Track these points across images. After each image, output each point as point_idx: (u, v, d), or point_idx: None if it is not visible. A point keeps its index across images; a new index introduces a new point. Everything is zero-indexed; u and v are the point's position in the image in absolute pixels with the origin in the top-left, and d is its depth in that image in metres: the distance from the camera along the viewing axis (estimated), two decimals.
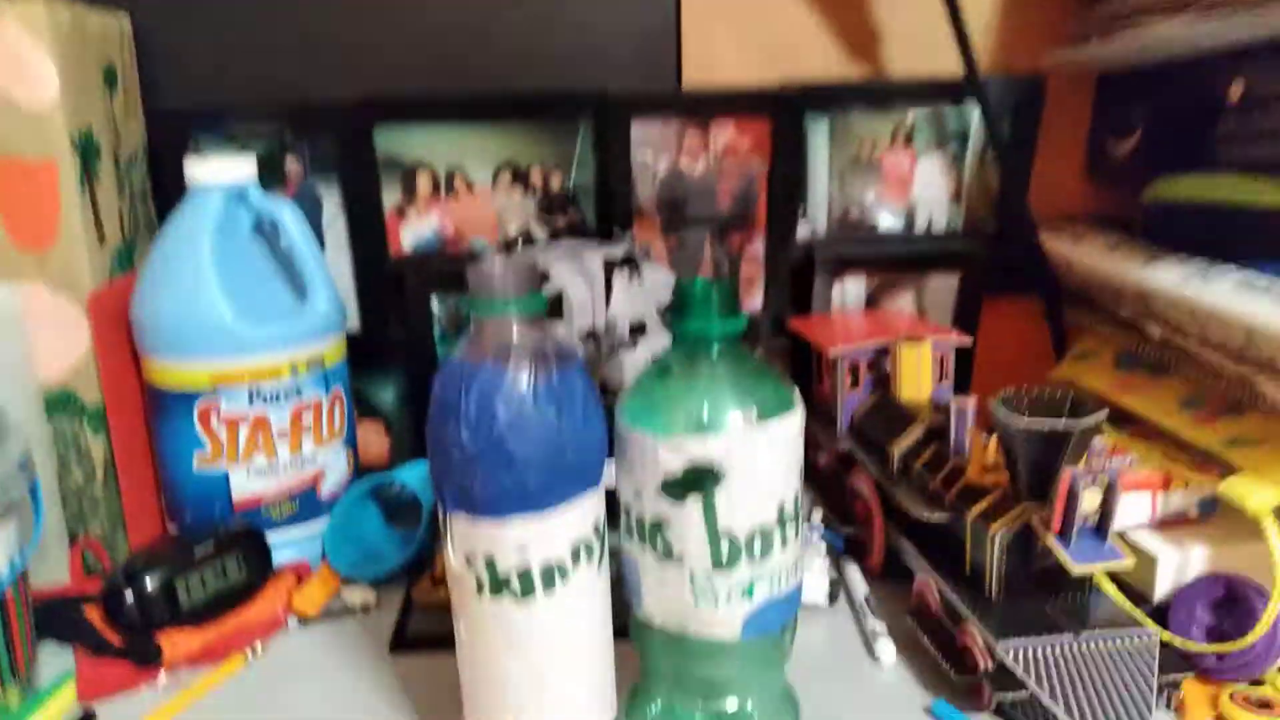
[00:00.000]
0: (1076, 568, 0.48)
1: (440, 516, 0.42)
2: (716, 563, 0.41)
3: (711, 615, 0.42)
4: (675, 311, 0.42)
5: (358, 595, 0.63)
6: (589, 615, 0.42)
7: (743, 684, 0.45)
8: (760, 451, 0.41)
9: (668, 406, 0.41)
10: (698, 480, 0.40)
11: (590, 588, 0.42)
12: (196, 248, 0.63)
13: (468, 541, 0.40)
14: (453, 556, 0.41)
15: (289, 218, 0.66)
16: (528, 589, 0.40)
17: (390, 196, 0.76)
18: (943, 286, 0.81)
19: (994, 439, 0.56)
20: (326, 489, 0.68)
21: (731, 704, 0.45)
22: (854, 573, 0.64)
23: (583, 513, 0.41)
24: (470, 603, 0.41)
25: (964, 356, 0.81)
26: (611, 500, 0.43)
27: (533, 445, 0.38)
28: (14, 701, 0.54)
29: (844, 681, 0.54)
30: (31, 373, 0.63)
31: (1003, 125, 0.75)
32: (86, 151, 0.64)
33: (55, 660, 0.57)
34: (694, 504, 0.41)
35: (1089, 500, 0.49)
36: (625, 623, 0.46)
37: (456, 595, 0.42)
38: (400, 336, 0.78)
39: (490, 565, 0.40)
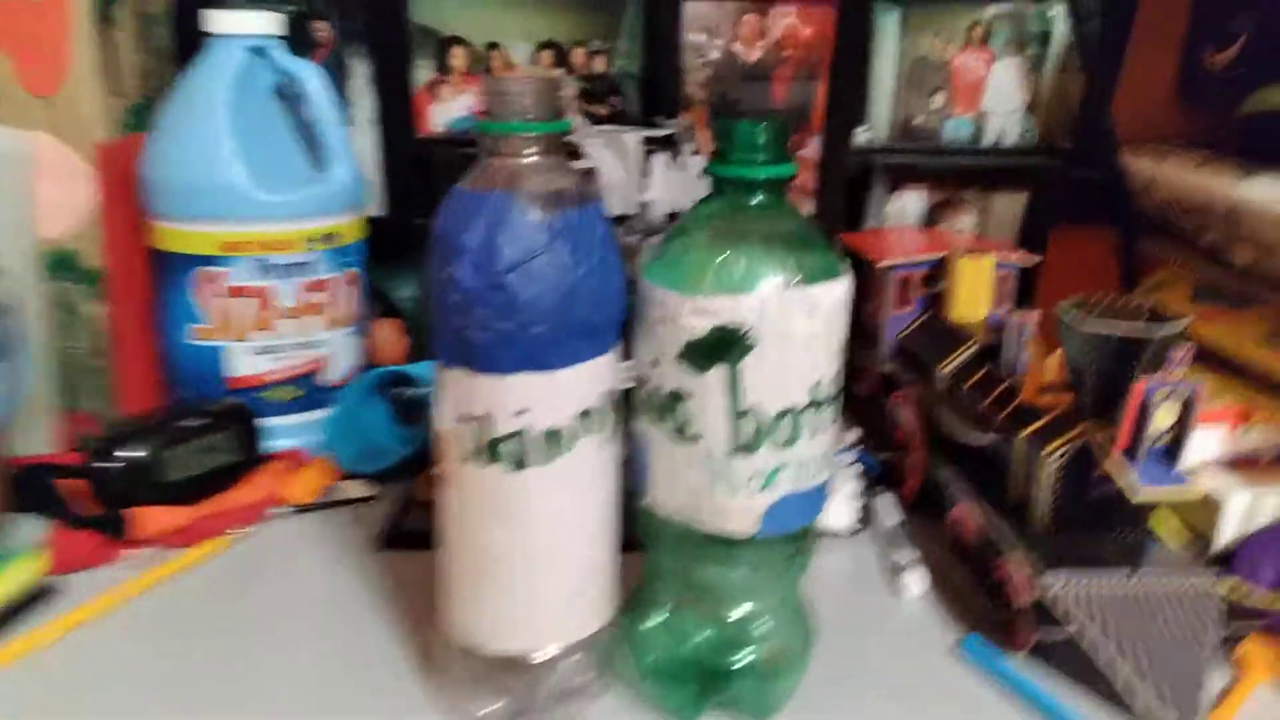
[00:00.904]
0: (1141, 492, 0.43)
1: (436, 373, 0.37)
2: (737, 445, 0.36)
3: (727, 505, 0.37)
4: (716, 154, 0.37)
5: (356, 489, 0.59)
6: (590, 494, 0.38)
7: (755, 591, 0.40)
8: (797, 319, 0.36)
9: (698, 262, 0.36)
10: (724, 346, 0.35)
11: (594, 464, 0.37)
12: (212, 103, 0.59)
13: (462, 399, 0.36)
14: (445, 416, 0.37)
15: (313, 79, 0.62)
16: (525, 456, 0.35)
17: (423, 71, 0.71)
18: (1009, 207, 0.75)
19: (1055, 356, 0.51)
20: (332, 376, 0.64)
21: (742, 613, 0.41)
22: (887, 501, 0.59)
23: (593, 377, 0.36)
24: (459, 469, 0.36)
25: (1025, 286, 0.74)
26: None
27: (540, 288, 0.33)
28: None
29: (868, 612, 0.50)
30: (32, 228, 0.60)
31: (1091, 27, 0.69)
32: None
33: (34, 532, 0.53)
34: (717, 375, 0.36)
35: (1161, 419, 0.43)
36: (630, 534, 0.42)
37: (445, 461, 0.37)
38: (425, 224, 0.74)
39: (485, 427, 0.35)
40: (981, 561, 0.49)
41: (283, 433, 0.62)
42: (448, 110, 0.73)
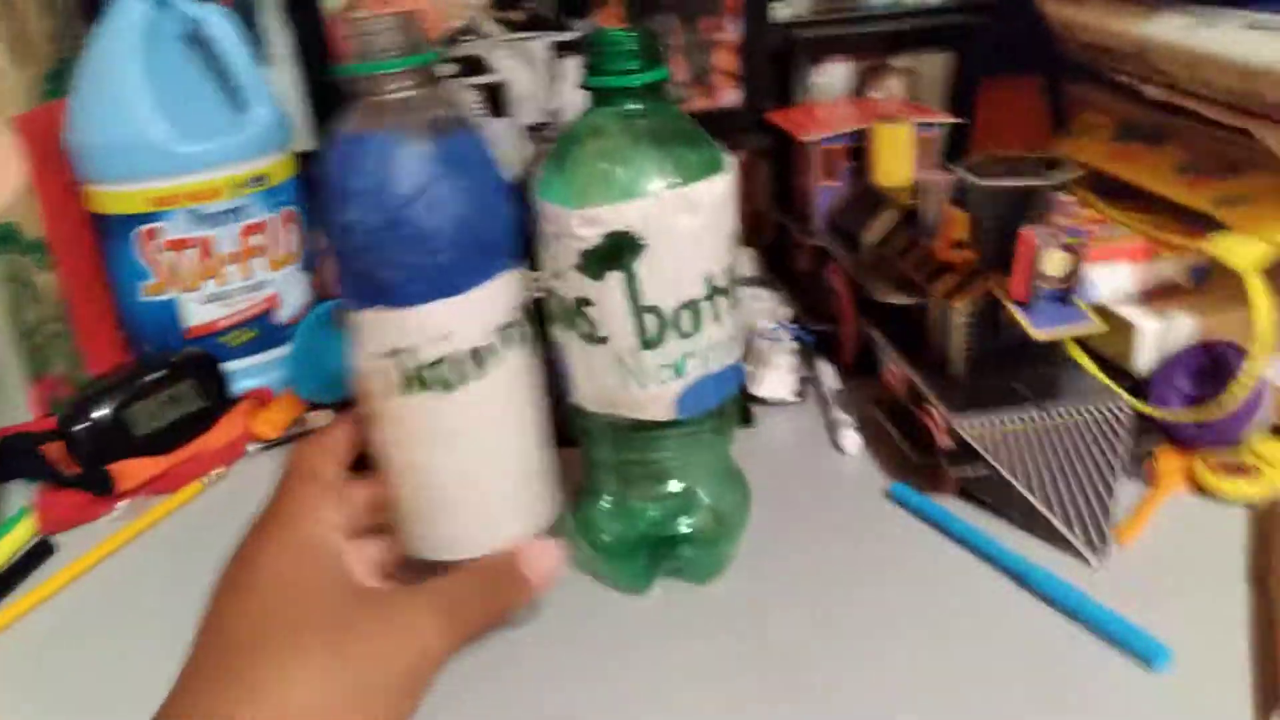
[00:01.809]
0: (1038, 333, 0.46)
1: (347, 318, 0.38)
2: (643, 342, 0.39)
3: (642, 395, 0.40)
4: (589, 66, 0.38)
5: (322, 418, 0.62)
6: (517, 403, 0.39)
7: (685, 467, 0.43)
8: (683, 218, 0.37)
9: (582, 175, 0.38)
10: (616, 253, 0.37)
11: (518, 373, 0.39)
12: (124, 60, 0.59)
13: (382, 337, 0.37)
14: (366, 357, 0.38)
15: (220, 23, 0.62)
16: (453, 379, 0.37)
17: None
18: (936, 67, 0.75)
19: (960, 214, 0.53)
20: (285, 314, 0.66)
21: (677, 487, 0.44)
22: (825, 369, 0.62)
23: (504, 292, 0.37)
24: (388, 404, 0.38)
25: (959, 144, 0.75)
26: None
27: (439, 216, 0.34)
28: None
29: (807, 472, 0.53)
30: None
31: None
32: None
33: (21, 498, 0.57)
34: (614, 279, 0.38)
35: (1055, 264, 0.45)
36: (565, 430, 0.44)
37: (372, 400, 0.38)
38: None
39: (409, 358, 0.36)
40: (908, 414, 0.52)
41: (245, 374, 0.64)
42: None
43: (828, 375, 0.61)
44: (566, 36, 0.60)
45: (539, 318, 0.41)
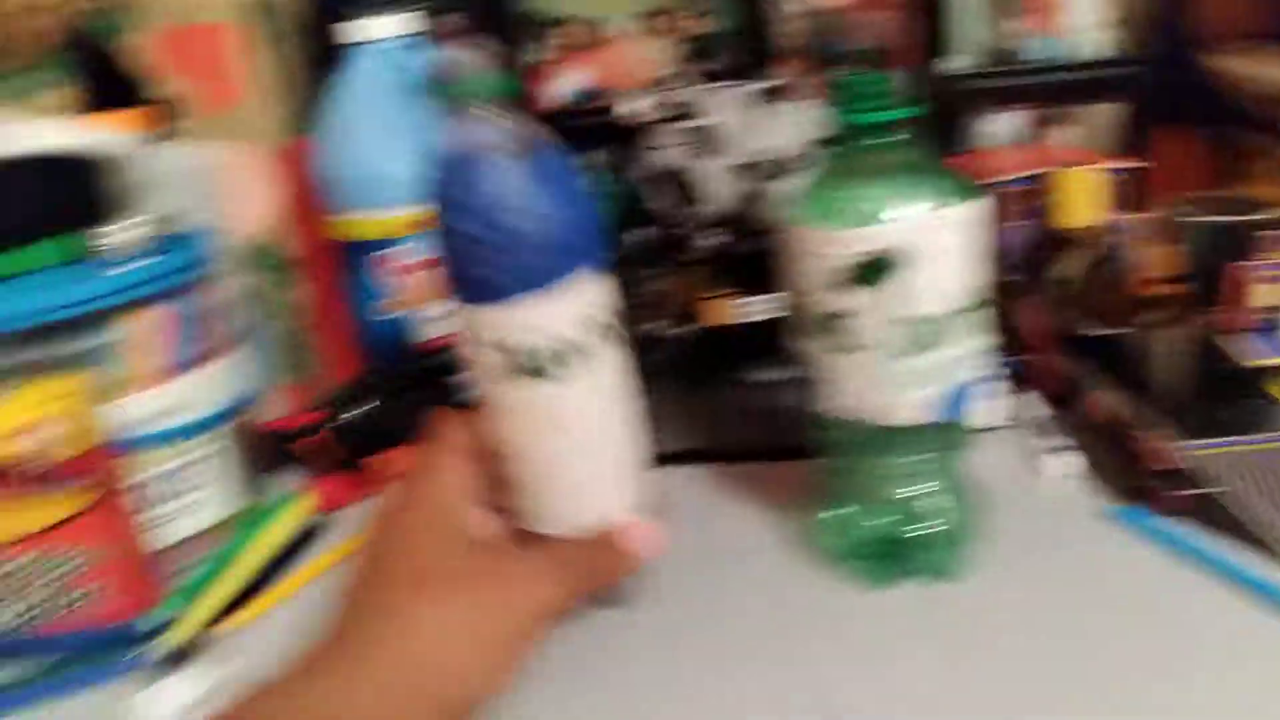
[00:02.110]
0: (1250, 361, 0.48)
1: (459, 316, 0.43)
2: (899, 351, 0.43)
3: (895, 401, 0.44)
4: (843, 103, 0.43)
5: None
6: (612, 397, 0.44)
7: (923, 473, 0.47)
8: (943, 237, 0.41)
9: (842, 199, 0.42)
10: (880, 269, 0.41)
11: (613, 369, 0.43)
12: (366, 105, 0.66)
13: (486, 330, 0.41)
14: (475, 348, 0.42)
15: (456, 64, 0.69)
16: (548, 369, 0.41)
17: (533, 52, 0.78)
18: (1107, 116, 0.78)
19: (1167, 250, 0.56)
20: None
21: (915, 492, 0.47)
22: (1028, 399, 0.65)
23: (591, 292, 0.42)
24: (498, 390, 0.42)
25: (1134, 189, 0.78)
26: None
27: (527, 222, 0.39)
28: (252, 513, 0.60)
29: (1018, 497, 0.55)
30: (227, 230, 0.68)
31: None
32: (261, 14, 0.67)
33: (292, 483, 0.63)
34: (876, 294, 0.42)
35: (1265, 297, 0.48)
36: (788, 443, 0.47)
37: (483, 388, 0.43)
38: None
39: (508, 349, 0.41)
40: (1118, 440, 0.55)
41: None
42: (561, 86, 0.79)
43: (1031, 404, 0.64)
44: (770, 84, 0.65)
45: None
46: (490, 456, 0.45)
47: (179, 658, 0.48)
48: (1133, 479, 0.53)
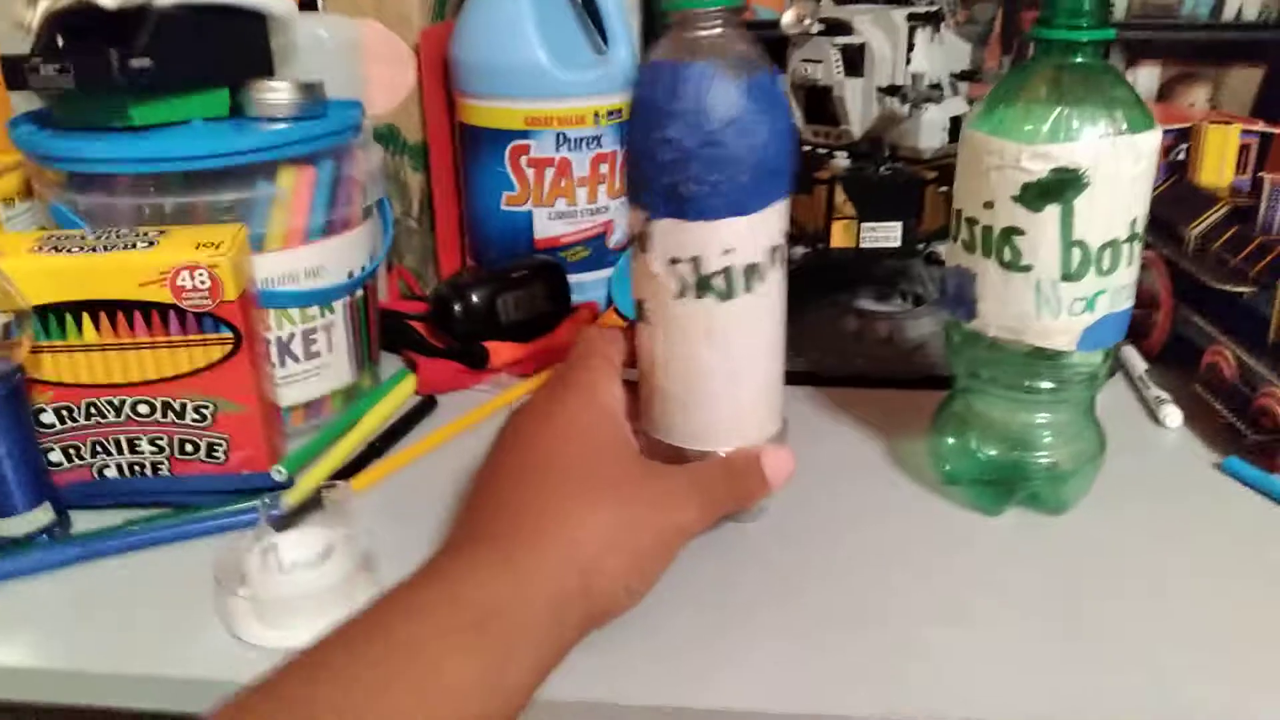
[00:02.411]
0: None
1: (635, 225, 0.42)
2: (1066, 273, 0.43)
3: (1052, 324, 0.44)
4: (1040, 20, 0.42)
5: None
6: (776, 318, 0.44)
7: (1061, 402, 0.47)
8: (1124, 163, 0.41)
9: (1034, 114, 0.42)
10: (1061, 187, 0.41)
11: (779, 292, 0.44)
12: None
13: (675, 245, 0.41)
14: (654, 262, 0.42)
15: None
16: (732, 289, 0.41)
17: None
18: (1244, 82, 0.76)
19: None
20: (615, 239, 0.72)
21: (1045, 419, 0.48)
22: (1130, 352, 0.65)
23: (779, 216, 0.42)
24: (671, 306, 0.42)
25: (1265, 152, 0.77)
26: None
27: (745, 142, 0.39)
28: (366, 384, 0.61)
29: (1131, 446, 0.54)
30: (365, 106, 0.69)
31: None
32: None
33: (386, 364, 0.64)
34: (1052, 212, 0.42)
35: None
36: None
37: (653, 301, 0.43)
38: None
39: (698, 266, 0.41)
40: (1240, 396, 0.55)
41: (579, 288, 0.71)
42: None
43: (1134, 357, 0.63)
44: (922, 9, 0.64)
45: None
46: (638, 370, 0.45)
47: (299, 513, 0.49)
48: (1251, 435, 0.53)
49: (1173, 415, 0.57)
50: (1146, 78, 0.77)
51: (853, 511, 0.50)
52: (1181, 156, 0.68)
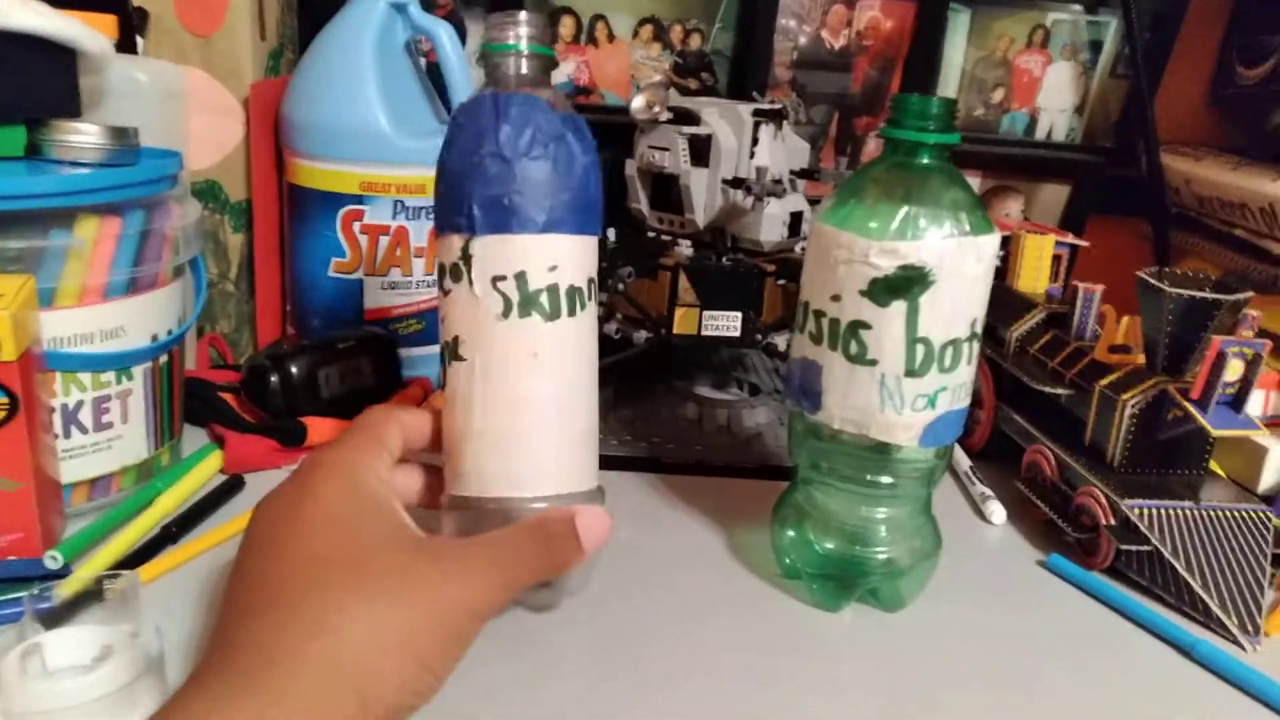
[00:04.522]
0: (1215, 431, 0.51)
1: (449, 254, 0.42)
2: (910, 369, 0.43)
3: (896, 419, 0.44)
4: (890, 121, 0.44)
5: None
6: (592, 354, 0.44)
7: (898, 497, 0.47)
8: (967, 263, 0.42)
9: (878, 211, 0.43)
10: (906, 284, 0.42)
11: (593, 328, 0.44)
12: (357, 53, 0.63)
13: (498, 261, 0.40)
14: (475, 284, 0.41)
15: (445, 37, 0.67)
16: (556, 308, 0.41)
17: None
18: (1053, 196, 0.82)
19: (1125, 320, 0.58)
20: None
21: (883, 515, 0.47)
22: (955, 447, 0.66)
23: (593, 253, 0.43)
24: (492, 330, 0.41)
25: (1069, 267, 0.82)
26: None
27: (568, 162, 0.41)
28: (165, 460, 0.55)
29: (960, 541, 0.55)
30: (184, 159, 0.64)
31: (1141, 36, 0.77)
32: None
33: (190, 438, 0.58)
34: (898, 308, 0.42)
35: (1234, 371, 0.51)
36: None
37: (470, 332, 0.41)
38: None
39: (521, 282, 0.40)
40: (1060, 494, 0.57)
41: (408, 363, 0.67)
42: (555, 75, 0.78)
43: (959, 454, 0.65)
44: (766, 105, 0.66)
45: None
46: (447, 427, 0.43)
47: (73, 607, 0.43)
48: (1070, 532, 0.55)
49: (997, 512, 0.59)
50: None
51: (689, 604, 0.48)
52: (998, 263, 0.72)
